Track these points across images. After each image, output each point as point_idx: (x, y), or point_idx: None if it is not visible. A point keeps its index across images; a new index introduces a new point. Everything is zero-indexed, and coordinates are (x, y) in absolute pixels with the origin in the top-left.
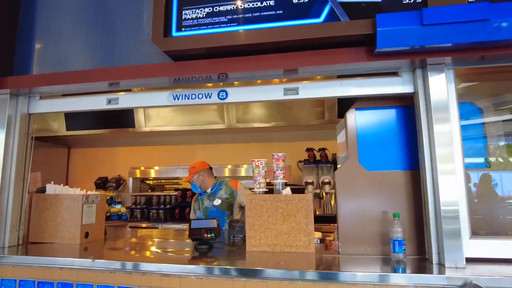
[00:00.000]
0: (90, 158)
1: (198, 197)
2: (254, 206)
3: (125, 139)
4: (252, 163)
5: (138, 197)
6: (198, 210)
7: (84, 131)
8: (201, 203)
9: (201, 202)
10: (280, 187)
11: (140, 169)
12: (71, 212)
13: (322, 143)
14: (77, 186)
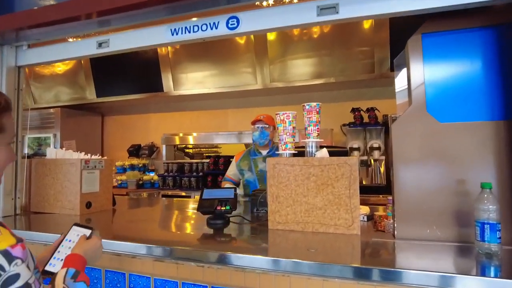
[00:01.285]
0: (123, 126)
1: (250, 156)
2: (278, 172)
3: (156, 105)
4: (276, 118)
5: (170, 165)
6: (248, 172)
7: (113, 97)
8: (254, 164)
9: (254, 163)
10: (313, 149)
11: (173, 136)
12: (70, 179)
13: (370, 103)
14: (112, 154)
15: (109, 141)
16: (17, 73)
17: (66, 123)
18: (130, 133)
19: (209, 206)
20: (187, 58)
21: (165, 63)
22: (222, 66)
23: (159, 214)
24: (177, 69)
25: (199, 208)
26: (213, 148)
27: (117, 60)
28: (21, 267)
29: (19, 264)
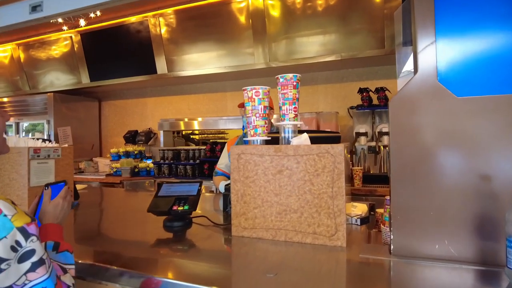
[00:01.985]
0: (120, 111)
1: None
2: (244, 164)
3: (153, 89)
4: (243, 95)
5: (166, 152)
6: None
7: (107, 81)
8: None
9: None
10: (289, 134)
11: (170, 122)
12: (17, 170)
13: (380, 83)
14: (109, 140)
15: (107, 127)
16: None
17: (60, 109)
18: (127, 118)
19: (163, 206)
20: (181, 38)
21: (158, 44)
22: (219, 46)
23: (120, 209)
24: (171, 50)
25: (150, 207)
26: (220, 133)
27: (109, 42)
28: (36, 243)
29: (35, 241)
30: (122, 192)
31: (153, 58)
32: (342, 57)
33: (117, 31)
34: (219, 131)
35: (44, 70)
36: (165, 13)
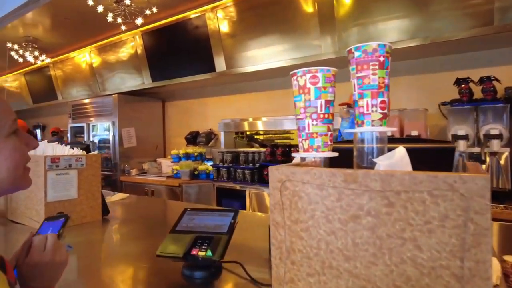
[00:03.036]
0: (182, 111)
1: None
2: (291, 199)
3: (213, 88)
4: (292, 82)
5: (224, 154)
6: None
7: (167, 81)
8: None
9: None
10: (372, 149)
11: (231, 122)
12: (36, 182)
13: (485, 71)
14: (173, 141)
15: (170, 128)
16: None
17: (125, 110)
18: (189, 119)
19: (178, 247)
20: (240, 32)
21: (216, 40)
22: (281, 37)
23: (141, 235)
24: (229, 46)
25: (161, 249)
26: (285, 134)
27: (168, 41)
28: None
29: None
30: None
31: (211, 55)
32: (432, 40)
33: (176, 28)
34: (284, 131)
35: (112, 72)
36: (222, 5)
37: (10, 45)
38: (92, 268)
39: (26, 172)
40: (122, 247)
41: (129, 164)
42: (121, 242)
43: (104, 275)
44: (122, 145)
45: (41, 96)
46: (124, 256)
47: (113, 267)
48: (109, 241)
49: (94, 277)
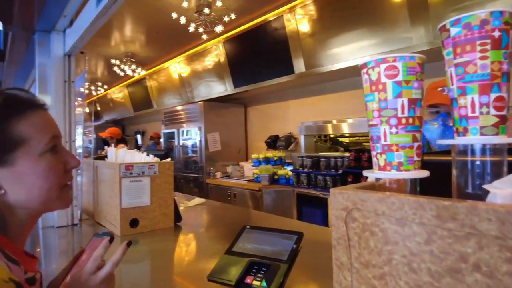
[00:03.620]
0: (263, 116)
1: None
2: (360, 234)
3: (293, 90)
4: (362, 75)
5: (304, 159)
6: None
7: (247, 87)
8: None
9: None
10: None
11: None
12: (113, 189)
13: None
14: (254, 145)
15: (252, 132)
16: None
17: (210, 116)
18: (270, 123)
19: (231, 272)
20: (319, 30)
21: (294, 40)
22: (365, 32)
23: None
24: (308, 46)
25: (213, 272)
26: (357, 137)
27: (248, 46)
28: None
29: None
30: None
31: (290, 57)
32: None
33: (255, 33)
34: (355, 134)
35: (199, 80)
36: (300, 4)
37: (113, 61)
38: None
39: (65, 192)
40: (185, 261)
41: (214, 167)
42: (185, 255)
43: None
44: (208, 149)
45: (140, 105)
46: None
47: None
48: (174, 252)
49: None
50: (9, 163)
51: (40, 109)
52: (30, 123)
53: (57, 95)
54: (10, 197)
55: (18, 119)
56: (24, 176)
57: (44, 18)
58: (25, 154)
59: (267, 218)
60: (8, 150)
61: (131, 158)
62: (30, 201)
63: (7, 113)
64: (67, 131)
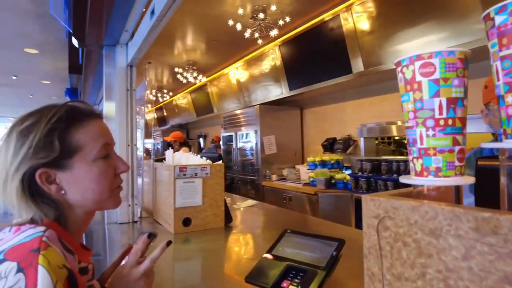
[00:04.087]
0: (320, 118)
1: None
2: (392, 244)
3: (351, 90)
4: (398, 74)
5: (364, 163)
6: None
7: (303, 89)
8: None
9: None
10: None
11: (372, 126)
12: (169, 189)
13: None
14: (311, 148)
15: (308, 135)
16: (129, 73)
17: (265, 119)
18: (327, 125)
19: (269, 275)
20: (379, 27)
21: (352, 39)
22: (432, 26)
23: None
24: (367, 44)
25: (251, 274)
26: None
27: (304, 48)
28: None
29: None
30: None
31: (347, 56)
32: None
33: (310, 35)
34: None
35: (256, 84)
36: (357, 1)
37: (177, 69)
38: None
39: (115, 194)
40: (229, 260)
41: (270, 169)
42: (231, 255)
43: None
44: (264, 151)
45: (202, 110)
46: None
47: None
48: (220, 252)
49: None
50: (68, 168)
51: (96, 118)
52: (85, 132)
53: (120, 102)
54: (69, 197)
55: (76, 128)
56: (80, 180)
57: (109, 34)
58: (80, 160)
59: (319, 223)
60: (67, 157)
61: (186, 161)
62: (85, 201)
63: (67, 123)
64: (129, 135)
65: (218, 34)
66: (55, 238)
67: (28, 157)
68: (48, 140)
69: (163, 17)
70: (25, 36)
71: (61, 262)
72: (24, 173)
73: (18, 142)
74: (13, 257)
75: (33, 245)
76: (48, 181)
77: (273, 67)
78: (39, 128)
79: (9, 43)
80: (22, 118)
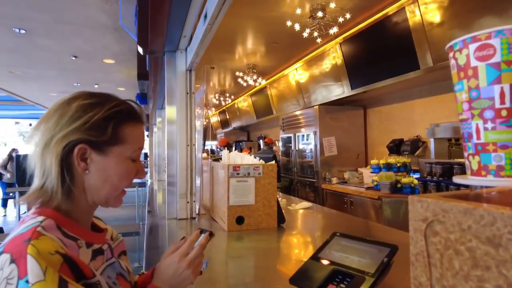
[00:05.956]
0: (385, 118)
1: None
2: (442, 251)
3: (420, 88)
4: (450, 57)
5: (433, 166)
6: None
7: (366, 87)
8: None
9: None
10: None
11: (444, 127)
12: (224, 187)
13: None
14: (375, 149)
15: (372, 136)
16: (188, 77)
17: (325, 120)
18: (393, 125)
19: (314, 278)
20: (451, 19)
21: (419, 33)
22: None
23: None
24: (436, 38)
25: (296, 276)
26: None
27: (366, 46)
28: None
29: None
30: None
31: (414, 51)
32: None
33: (373, 31)
34: None
35: (315, 85)
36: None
37: (237, 73)
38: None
39: (122, 195)
40: (278, 261)
41: (330, 172)
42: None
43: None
44: (323, 153)
45: (262, 112)
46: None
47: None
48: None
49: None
50: (104, 154)
51: (142, 123)
52: (133, 131)
53: (180, 105)
54: (89, 179)
55: (127, 124)
56: (107, 169)
57: (170, 40)
58: (117, 152)
59: (378, 229)
60: (110, 143)
61: (240, 160)
62: (100, 189)
63: (124, 117)
64: (188, 136)
65: (276, 36)
66: (53, 226)
67: (80, 130)
68: (105, 123)
69: (215, 19)
70: (104, 48)
71: (54, 249)
72: (69, 142)
73: (76, 113)
74: (9, 249)
75: (26, 236)
76: (81, 157)
77: (334, 66)
78: (101, 109)
79: (91, 56)
80: (86, 95)
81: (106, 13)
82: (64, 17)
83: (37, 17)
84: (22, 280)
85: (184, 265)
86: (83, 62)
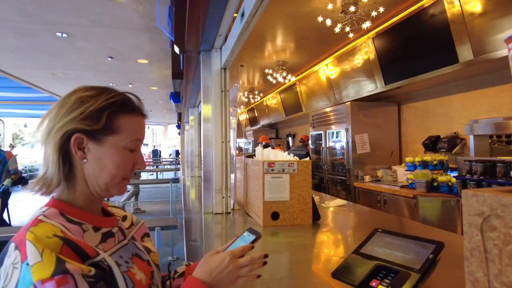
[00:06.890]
0: (421, 114)
1: None
2: (500, 246)
3: (458, 82)
4: (508, 53)
5: (473, 164)
6: None
7: (400, 82)
8: None
9: None
10: None
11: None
12: (259, 183)
13: None
14: (410, 147)
15: (406, 133)
16: (223, 75)
17: (357, 117)
18: (429, 122)
19: (356, 273)
20: (494, 9)
21: (458, 25)
22: None
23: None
24: (477, 29)
25: (338, 270)
26: None
27: (401, 39)
28: None
29: None
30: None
31: (453, 44)
32: None
33: (407, 24)
34: None
35: (347, 81)
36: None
37: (267, 71)
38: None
39: (124, 183)
40: (315, 256)
41: (362, 170)
42: (317, 251)
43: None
44: (355, 151)
45: (291, 109)
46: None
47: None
48: (307, 247)
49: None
50: (100, 143)
51: (140, 115)
52: (128, 121)
53: (215, 103)
54: (87, 167)
55: (123, 115)
56: (104, 158)
57: (205, 39)
58: (113, 141)
59: (416, 226)
60: (105, 133)
61: (274, 157)
62: (97, 177)
63: (119, 109)
64: (224, 133)
65: (307, 32)
66: (56, 214)
67: (76, 120)
68: (99, 113)
69: (253, 17)
70: (137, 48)
71: (51, 233)
72: (66, 131)
73: (74, 105)
74: (16, 238)
75: (28, 225)
76: (78, 146)
77: (366, 61)
78: (96, 101)
79: (125, 56)
80: (86, 88)
81: (139, 14)
82: (100, 20)
83: (76, 21)
84: (24, 263)
85: (234, 264)
86: (117, 63)
